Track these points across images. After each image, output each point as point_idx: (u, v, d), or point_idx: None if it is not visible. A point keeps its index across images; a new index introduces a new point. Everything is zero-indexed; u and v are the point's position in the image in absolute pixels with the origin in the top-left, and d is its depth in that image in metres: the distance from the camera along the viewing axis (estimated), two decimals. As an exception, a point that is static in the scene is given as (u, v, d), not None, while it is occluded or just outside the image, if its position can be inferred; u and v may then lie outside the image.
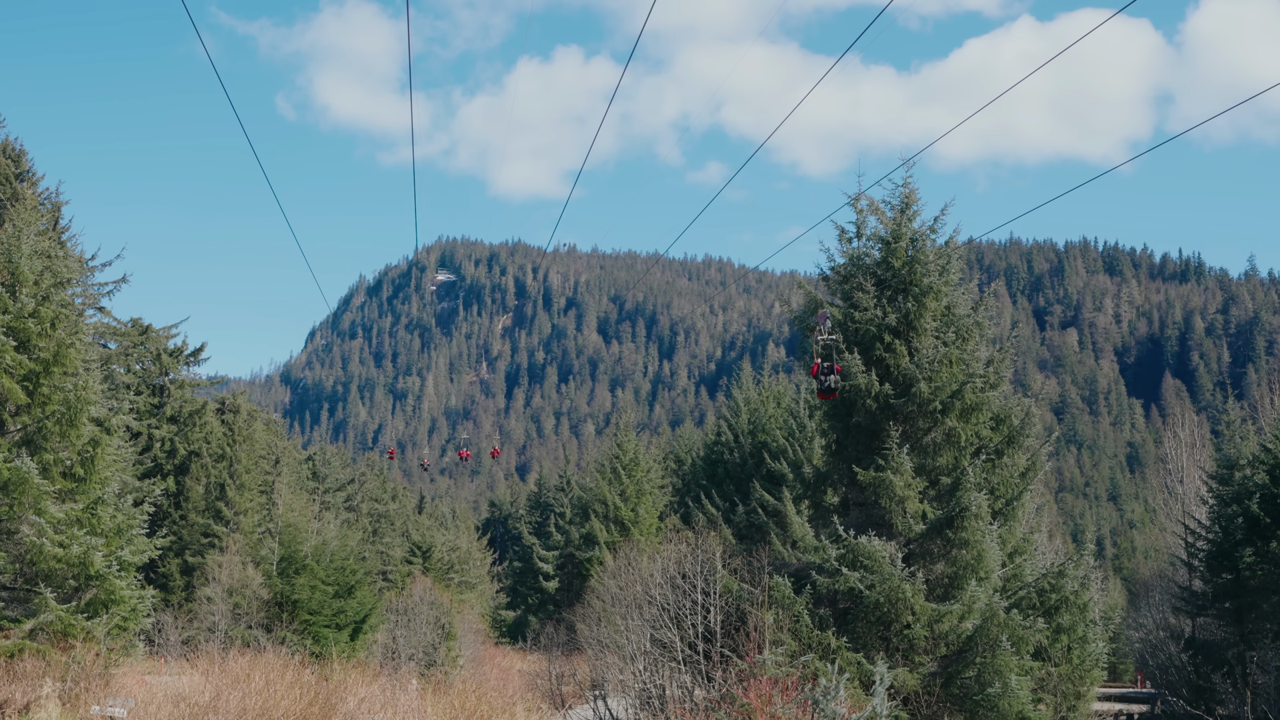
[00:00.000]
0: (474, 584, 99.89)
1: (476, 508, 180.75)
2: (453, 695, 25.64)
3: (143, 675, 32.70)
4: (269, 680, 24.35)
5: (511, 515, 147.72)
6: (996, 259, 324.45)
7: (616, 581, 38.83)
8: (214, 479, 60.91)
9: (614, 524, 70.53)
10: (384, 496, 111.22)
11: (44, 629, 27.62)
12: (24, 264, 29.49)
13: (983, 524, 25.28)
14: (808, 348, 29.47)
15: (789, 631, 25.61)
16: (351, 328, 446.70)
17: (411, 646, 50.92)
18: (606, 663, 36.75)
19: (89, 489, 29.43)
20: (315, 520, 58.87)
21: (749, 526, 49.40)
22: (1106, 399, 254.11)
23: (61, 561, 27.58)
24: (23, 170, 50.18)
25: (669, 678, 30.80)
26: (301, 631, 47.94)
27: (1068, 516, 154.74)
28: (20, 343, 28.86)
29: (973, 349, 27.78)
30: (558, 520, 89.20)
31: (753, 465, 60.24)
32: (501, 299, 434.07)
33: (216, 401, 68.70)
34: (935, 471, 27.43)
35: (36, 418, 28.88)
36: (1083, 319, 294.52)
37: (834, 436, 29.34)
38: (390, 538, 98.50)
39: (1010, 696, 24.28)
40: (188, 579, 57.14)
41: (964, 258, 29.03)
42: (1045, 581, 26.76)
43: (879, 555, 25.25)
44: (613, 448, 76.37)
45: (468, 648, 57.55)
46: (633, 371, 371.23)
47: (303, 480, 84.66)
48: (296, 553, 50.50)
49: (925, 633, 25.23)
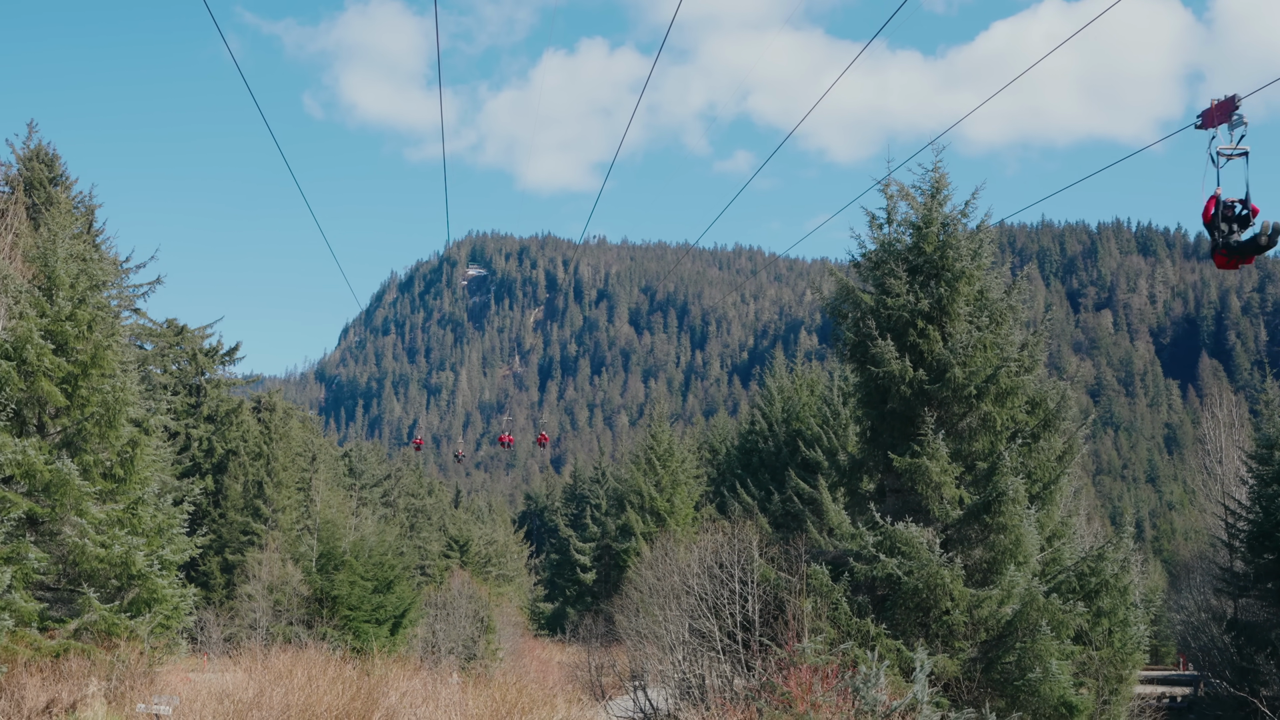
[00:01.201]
0: (511, 577, 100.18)
1: (512, 501, 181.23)
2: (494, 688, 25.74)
3: (186, 673, 32.97)
4: (311, 676, 24.48)
5: (547, 508, 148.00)
6: (1029, 242, 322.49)
7: (654, 572, 38.87)
8: (252, 477, 61.31)
9: (650, 515, 70.57)
10: (420, 491, 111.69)
11: (88, 629, 27.88)
12: (60, 267, 29.73)
13: (1020, 508, 25.15)
14: (841, 335, 29.39)
15: (827, 619, 25.57)
16: (384, 324, 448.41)
17: (451, 640, 51.14)
18: (645, 653, 36.80)
19: (129, 489, 29.66)
20: (353, 516, 59.17)
21: (785, 515, 49.38)
22: (1143, 380, 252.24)
23: (104, 561, 27.82)
24: (56, 174, 50.58)
25: (708, 667, 30.82)
26: (342, 627, 48.23)
27: (1106, 499, 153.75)
28: (58, 346, 29.11)
29: (1007, 333, 27.62)
30: (593, 512, 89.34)
31: (787, 454, 60.17)
32: (533, 292, 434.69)
33: (252, 400, 69.14)
34: (971, 456, 27.30)
35: (76, 420, 29.12)
36: (1117, 300, 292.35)
37: (868, 423, 29.24)
38: (427, 532, 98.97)
39: (1051, 681, 24.17)
40: (228, 577, 57.58)
41: (996, 241, 28.84)
42: (1085, 565, 26.60)
43: (916, 541, 25.16)
44: (647, 439, 76.39)
45: (507, 640, 57.74)
46: (665, 362, 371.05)
47: (339, 476, 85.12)
48: (335, 549, 50.78)
49: (964, 618, 25.14)
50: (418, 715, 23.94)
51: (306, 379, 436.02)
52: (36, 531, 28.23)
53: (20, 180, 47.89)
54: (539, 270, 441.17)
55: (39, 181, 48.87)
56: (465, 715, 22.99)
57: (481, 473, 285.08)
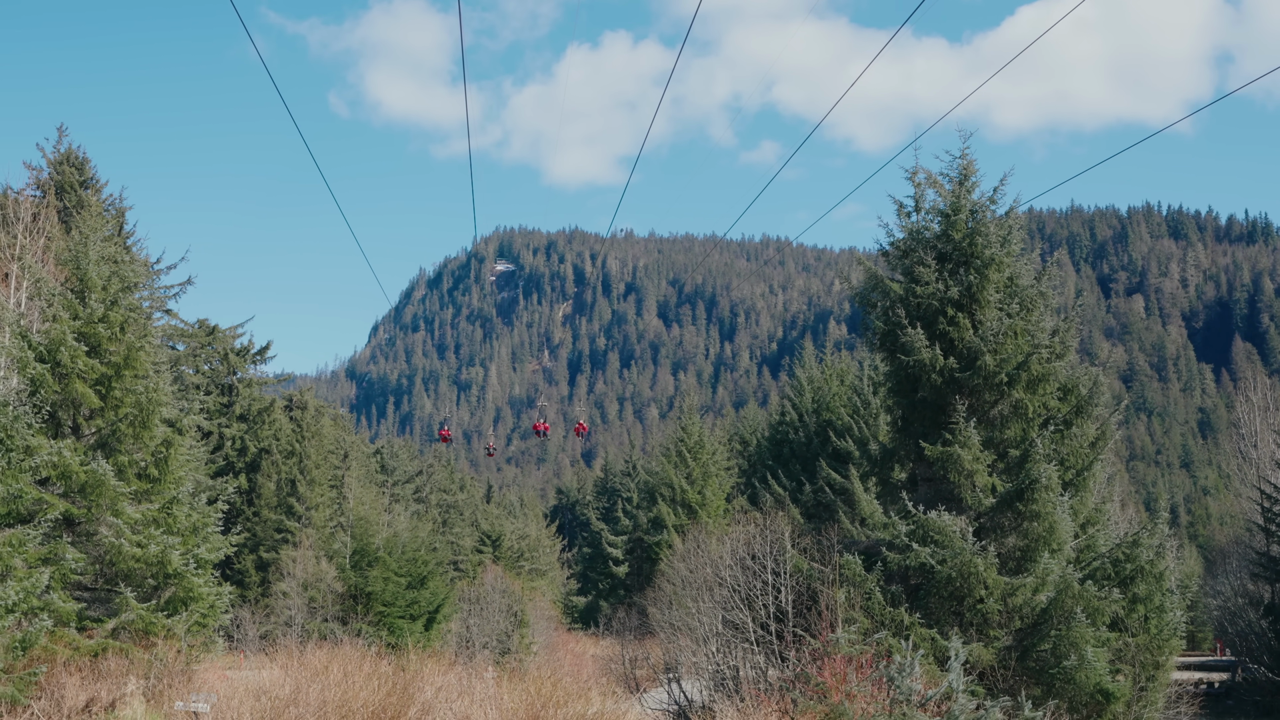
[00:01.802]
0: (544, 571, 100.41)
1: (544, 495, 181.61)
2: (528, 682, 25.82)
3: (223, 670, 33.18)
4: (347, 672, 24.61)
5: (579, 502, 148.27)
6: (1058, 227, 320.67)
7: (686, 564, 38.88)
8: (284, 475, 61.62)
9: (681, 507, 70.56)
10: (452, 487, 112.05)
11: (126, 628, 28.09)
12: (92, 270, 29.94)
13: (1053, 495, 25.02)
14: (870, 324, 29.30)
15: (861, 609, 25.53)
16: (414, 321, 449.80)
17: (485, 635, 51.31)
18: (679, 645, 36.80)
19: (164, 489, 29.85)
20: (385, 513, 59.42)
21: (816, 505, 49.29)
22: (1175, 365, 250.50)
23: (140, 561, 28.02)
24: (86, 178, 50.95)
25: (742, 658, 30.82)
26: (376, 623, 48.46)
27: (1140, 485, 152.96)
28: (91, 347, 29.31)
29: (1037, 319, 27.46)
30: (625, 505, 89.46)
31: (818, 444, 60.03)
32: (561, 287, 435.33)
33: (284, 399, 69.48)
34: (1003, 444, 27.19)
35: (110, 420, 29.33)
36: (1148, 285, 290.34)
37: (899, 413, 29.15)
38: (460, 528, 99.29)
39: (1087, 668, 24.05)
40: (263, 574, 57.91)
41: (1025, 227, 28.67)
42: (1119, 551, 26.46)
43: (949, 530, 25.08)
44: (677, 431, 76.38)
45: (541, 634, 57.88)
46: (694, 354, 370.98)
47: (371, 473, 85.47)
48: (369, 545, 51.00)
49: (999, 606, 25.05)
50: (453, 710, 24.03)
51: (337, 377, 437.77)
52: (73, 532, 28.47)
53: (51, 184, 48.27)
54: (567, 265, 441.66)
55: (70, 185, 49.24)
56: (500, 709, 23.07)
57: (513, 468, 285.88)
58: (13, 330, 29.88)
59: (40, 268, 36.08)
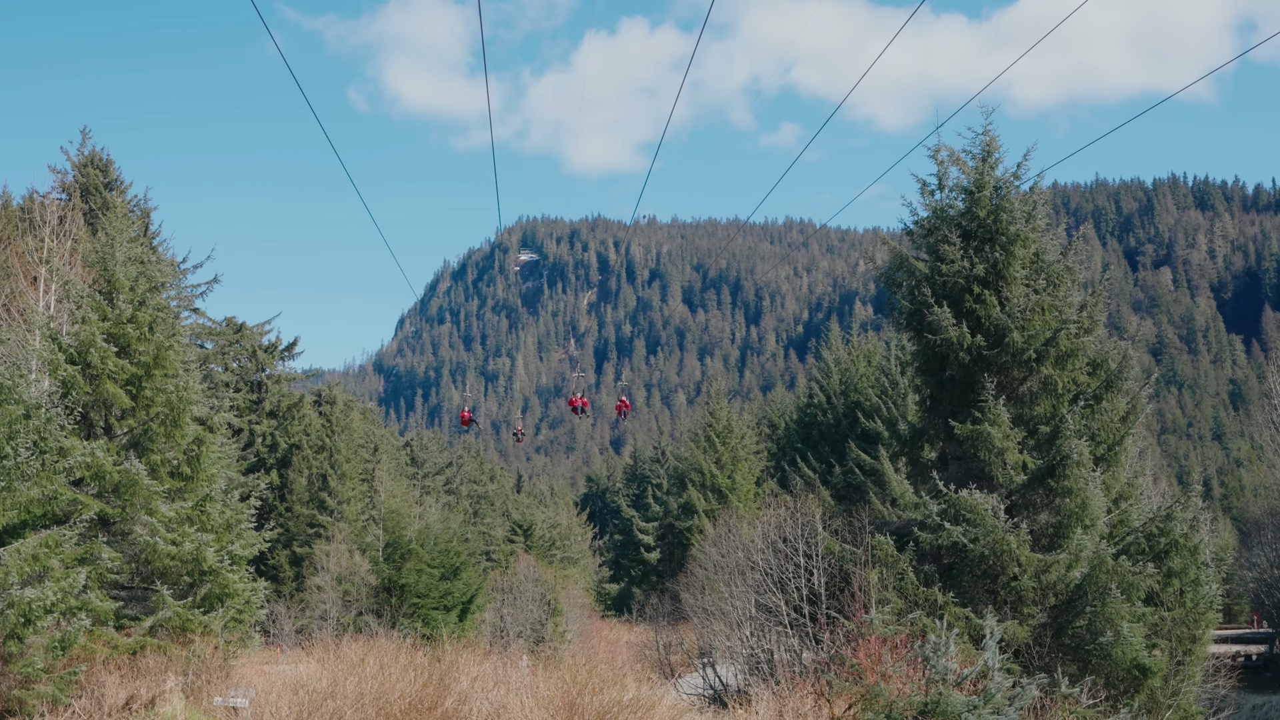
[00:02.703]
0: (576, 559, 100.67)
1: (574, 484, 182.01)
2: (563, 670, 25.86)
3: (261, 665, 33.39)
4: (383, 664, 24.73)
5: (609, 489, 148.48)
6: (1083, 201, 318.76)
7: (718, 549, 38.92)
8: (315, 470, 61.91)
9: (711, 492, 70.62)
10: (482, 478, 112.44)
11: (163, 625, 28.29)
12: (119, 271, 30.09)
13: (1085, 471, 24.91)
14: (896, 304, 29.21)
15: (894, 590, 25.49)
16: (439, 313, 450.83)
17: (519, 624, 51.49)
18: (713, 630, 36.87)
19: (196, 487, 30.03)
20: (417, 505, 59.67)
21: (847, 487, 49.21)
22: (1205, 337, 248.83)
23: (175, 559, 28.21)
24: (111, 179, 51.20)
25: (776, 642, 30.85)
26: (411, 615, 48.66)
27: (1172, 459, 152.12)
28: (121, 348, 29.49)
29: (1064, 295, 27.32)
30: (655, 491, 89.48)
31: (847, 425, 59.92)
32: (585, 275, 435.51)
33: (313, 394, 69.82)
34: (1033, 421, 27.08)
35: (141, 420, 29.51)
36: (1176, 257, 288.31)
37: (928, 392, 29.06)
38: (491, 518, 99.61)
39: (1123, 644, 23.96)
40: (297, 569, 58.24)
41: (1050, 202, 28.52)
42: (1153, 526, 26.33)
43: (981, 508, 25.01)
44: (705, 416, 76.42)
45: (574, 622, 58.06)
46: (720, 339, 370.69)
47: (402, 466, 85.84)
48: (401, 538, 51.20)
49: (1032, 584, 24.97)
50: (489, 699, 24.14)
51: (365, 371, 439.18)
52: (108, 532, 28.68)
53: (76, 187, 48.54)
54: (590, 252, 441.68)
55: (94, 187, 49.50)
56: (536, 698, 23.14)
57: (542, 457, 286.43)
58: (43, 333, 30.09)
59: (68, 270, 36.27)
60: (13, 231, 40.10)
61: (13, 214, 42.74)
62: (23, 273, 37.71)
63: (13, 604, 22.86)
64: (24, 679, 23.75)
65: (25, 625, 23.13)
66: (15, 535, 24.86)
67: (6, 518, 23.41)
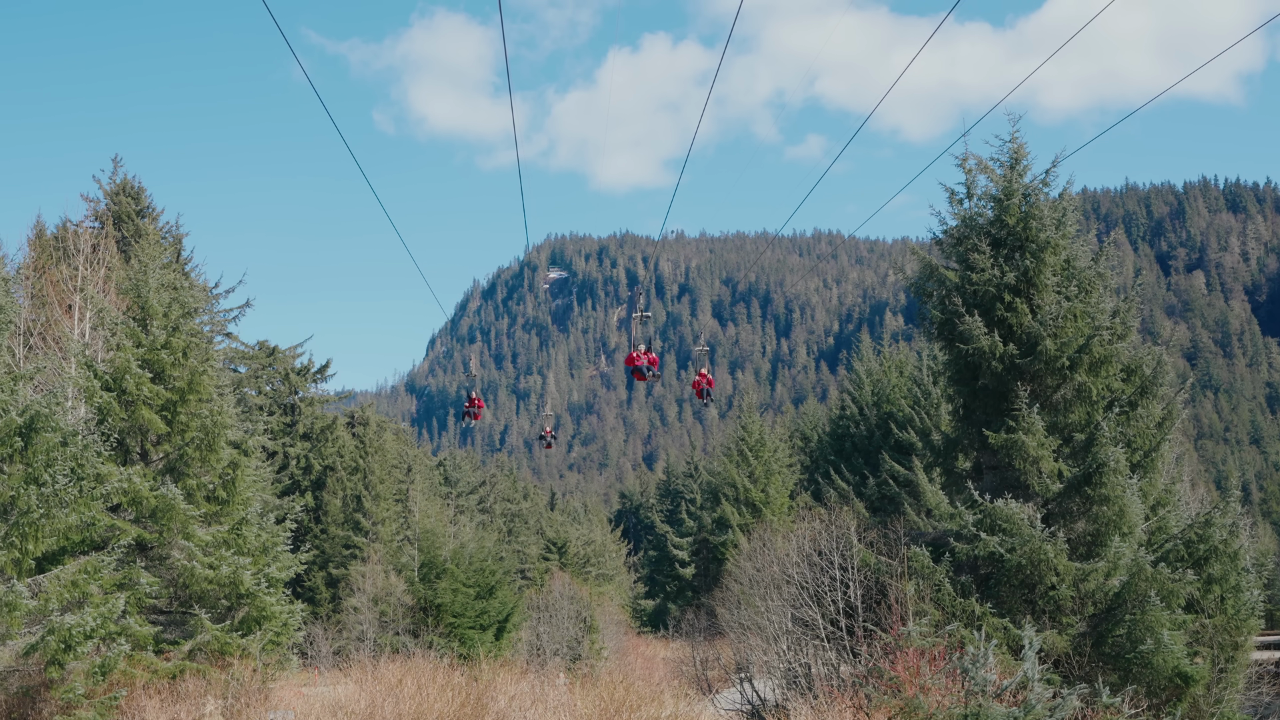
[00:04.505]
0: (611, 576, 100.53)
1: (607, 500, 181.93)
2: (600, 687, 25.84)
3: (299, 688, 33.51)
4: (420, 685, 24.77)
5: (642, 505, 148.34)
6: (1113, 206, 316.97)
7: (753, 563, 38.83)
8: (350, 491, 62.12)
9: (745, 506, 70.47)
10: (515, 496, 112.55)
11: (202, 649, 28.44)
12: (152, 298, 30.36)
13: (1122, 478, 24.74)
14: (927, 314, 29.12)
15: (931, 601, 25.36)
16: (470, 332, 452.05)
17: (555, 642, 51.45)
18: (749, 645, 36.75)
19: (232, 510, 30.20)
20: (451, 524, 59.73)
21: (881, 498, 49.06)
22: (1240, 340, 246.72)
23: (213, 582, 28.37)
24: (143, 207, 51.66)
25: (813, 655, 30.72)
26: (447, 634, 48.71)
27: (1209, 464, 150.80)
28: (155, 374, 29.73)
29: (1097, 301, 27.17)
30: (689, 507, 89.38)
31: (880, 437, 59.78)
32: (614, 291, 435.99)
33: (346, 415, 70.07)
34: (1068, 429, 26.92)
35: (177, 445, 29.73)
36: (1208, 260, 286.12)
37: (960, 401, 28.94)
38: (525, 536, 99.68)
39: (1164, 652, 23.75)
40: (333, 591, 58.41)
41: (1079, 208, 28.38)
42: (1191, 532, 26.11)
43: (1017, 518, 24.87)
44: (737, 430, 76.28)
45: (610, 639, 57.95)
46: (751, 352, 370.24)
47: (435, 486, 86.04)
48: (436, 557, 51.28)
49: (1071, 593, 24.79)
50: (527, 718, 24.14)
51: (397, 391, 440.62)
52: (146, 557, 28.87)
53: (109, 215, 49.01)
54: (619, 269, 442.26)
55: (127, 215, 49.95)
56: (574, 715, 23.13)
57: (575, 474, 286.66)
58: (79, 360, 30.35)
59: (102, 298, 36.62)
60: (47, 260, 40.51)
61: (47, 243, 43.19)
62: (58, 301, 38.09)
63: (53, 630, 23.03)
64: (65, 704, 23.92)
65: (66, 651, 23.31)
66: (55, 562, 25.07)
67: (46, 544, 23.60)
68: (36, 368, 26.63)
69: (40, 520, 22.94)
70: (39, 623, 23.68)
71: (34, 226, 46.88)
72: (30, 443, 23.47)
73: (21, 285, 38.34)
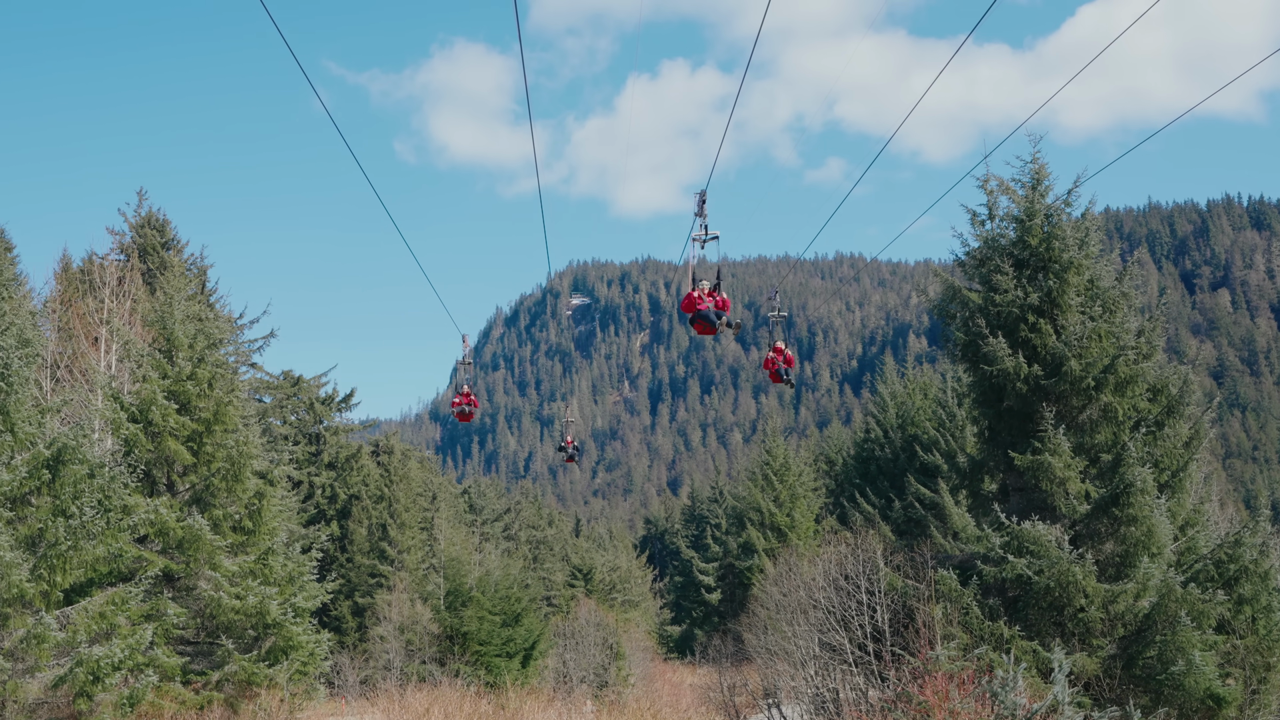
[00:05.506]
0: (637, 602, 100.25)
1: (632, 526, 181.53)
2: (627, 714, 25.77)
3: (326, 718, 33.52)
4: (448, 713, 24.77)
5: (667, 530, 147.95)
6: (1136, 225, 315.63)
7: (779, 588, 38.68)
8: (375, 520, 62.19)
9: (770, 530, 70.27)
10: (540, 523, 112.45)
11: (229, 679, 28.50)
12: (178, 329, 30.57)
13: (1149, 499, 24.59)
14: (950, 335, 29.06)
15: (959, 624, 25.21)
16: (493, 359, 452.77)
17: (582, 669, 51.33)
18: (777, 670, 36.57)
19: (258, 540, 30.31)
20: (476, 552, 59.78)
21: (907, 521, 48.86)
22: (1267, 358, 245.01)
23: (239, 613, 28.44)
24: (168, 239, 51.99)
25: (841, 680, 30.55)
26: (474, 662, 48.67)
27: (1238, 483, 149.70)
28: (181, 405, 29.90)
29: (1121, 320, 27.07)
30: (714, 532, 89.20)
31: (905, 460, 59.55)
32: (637, 316, 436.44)
33: (370, 444, 70.17)
34: (1094, 449, 26.79)
35: (203, 476, 29.86)
36: (1233, 278, 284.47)
37: (985, 423, 28.84)
38: (550, 563, 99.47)
39: (1196, 673, 23.54)
40: (359, 620, 58.41)
41: (1102, 228, 28.30)
42: (1221, 552, 25.89)
43: (1044, 539, 24.73)
44: (762, 454, 76.14)
45: (637, 666, 57.78)
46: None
47: (460, 514, 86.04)
48: (462, 585, 51.29)
49: (1100, 615, 24.63)
50: (555, 746, 24.08)
51: (421, 419, 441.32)
52: (173, 588, 28.97)
53: (134, 247, 49.35)
54: (642, 294, 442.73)
55: (152, 247, 50.28)
56: (602, 743, 23.07)
57: (600, 500, 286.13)
58: (105, 393, 30.55)
59: (128, 330, 36.87)
60: (74, 293, 40.83)
61: (73, 276, 43.54)
62: (84, 334, 38.37)
63: (81, 662, 23.11)
64: (94, 736, 23.97)
65: (94, 683, 23.38)
66: (82, 594, 25.18)
67: (73, 576, 23.71)
68: (64, 400, 26.82)
69: (68, 552, 23.06)
70: (67, 655, 23.77)
71: (60, 260, 47.29)
72: (58, 475, 23.61)
73: (48, 318, 38.66)
